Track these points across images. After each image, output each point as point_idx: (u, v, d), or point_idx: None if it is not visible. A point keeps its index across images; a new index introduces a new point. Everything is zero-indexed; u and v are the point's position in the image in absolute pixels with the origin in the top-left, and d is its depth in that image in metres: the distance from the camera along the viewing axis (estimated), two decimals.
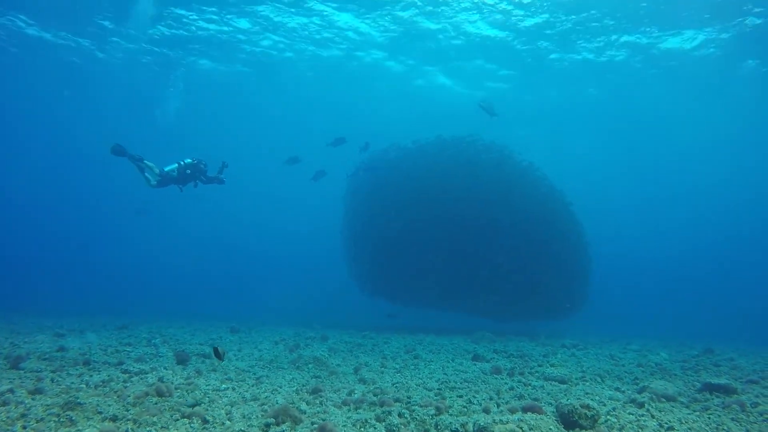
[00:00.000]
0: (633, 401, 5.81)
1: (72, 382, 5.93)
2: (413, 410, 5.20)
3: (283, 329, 14.28)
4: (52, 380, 6.04)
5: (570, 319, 16.14)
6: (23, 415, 4.57)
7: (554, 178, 15.17)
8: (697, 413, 5.41)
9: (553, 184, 15.06)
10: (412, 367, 8.17)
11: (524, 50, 21.98)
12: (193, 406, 5.12)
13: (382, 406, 5.42)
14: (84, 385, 5.80)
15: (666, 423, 4.93)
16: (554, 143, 33.65)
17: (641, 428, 4.77)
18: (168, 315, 18.46)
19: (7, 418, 4.52)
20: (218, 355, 5.52)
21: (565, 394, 6.25)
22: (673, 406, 5.71)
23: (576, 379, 7.33)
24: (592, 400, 5.87)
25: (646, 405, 5.63)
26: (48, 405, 4.88)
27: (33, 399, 5.14)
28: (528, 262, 14.38)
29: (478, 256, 14.39)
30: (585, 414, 4.79)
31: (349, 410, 5.32)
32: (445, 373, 7.63)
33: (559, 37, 20.64)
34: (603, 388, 6.76)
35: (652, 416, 5.19)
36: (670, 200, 43.50)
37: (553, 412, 5.23)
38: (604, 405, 5.65)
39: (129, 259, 40.11)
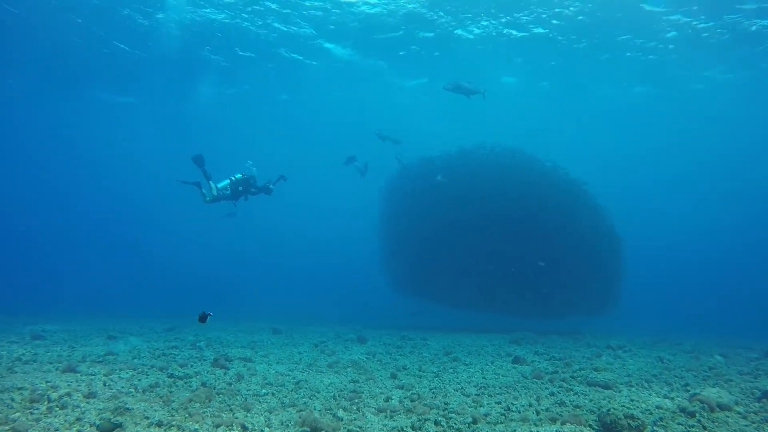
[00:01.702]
0: (683, 410, 5.54)
1: (122, 387, 6.21)
2: (450, 418, 5.16)
3: (323, 329, 14.47)
4: (104, 384, 6.35)
5: (616, 316, 15.79)
6: (78, 419, 4.82)
7: (591, 178, 15.37)
8: (755, 425, 5.11)
9: (581, 181, 15.24)
10: (451, 370, 8.11)
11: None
12: (233, 412, 5.26)
13: (418, 413, 5.40)
14: (133, 390, 6.06)
15: None
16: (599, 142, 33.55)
17: None
18: (213, 316, 19.04)
19: (65, 421, 4.78)
20: (202, 320, 5.59)
21: (609, 401, 6.03)
22: (728, 417, 5.41)
23: (621, 384, 7.07)
24: (637, 408, 5.64)
25: (697, 415, 5.35)
26: (100, 409, 5.14)
27: (87, 403, 5.42)
28: (563, 258, 14.41)
29: (514, 254, 14.43)
30: (629, 425, 4.62)
31: (385, 417, 5.33)
32: (484, 377, 7.53)
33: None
34: (650, 395, 6.49)
35: (704, 427, 4.94)
36: (721, 195, 41.52)
37: (596, 420, 5.06)
38: (651, 414, 5.42)
39: (176, 262, 41.70)
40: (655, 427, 4.88)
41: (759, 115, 26.85)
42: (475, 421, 5.09)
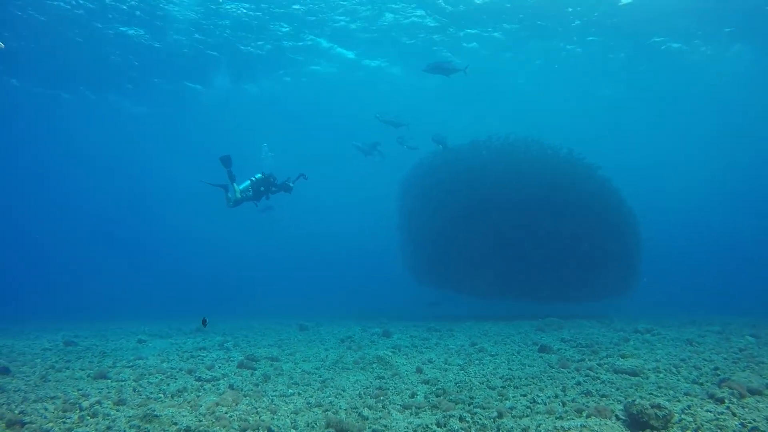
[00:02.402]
0: (712, 396, 5.43)
1: (151, 392, 6.35)
2: (475, 413, 5.15)
3: (349, 324, 14.59)
4: (134, 390, 6.50)
5: (644, 297, 15.67)
6: (108, 428, 4.95)
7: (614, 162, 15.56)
8: None
9: (596, 166, 15.33)
10: (477, 362, 8.09)
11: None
12: (259, 415, 5.35)
13: (443, 409, 5.41)
14: (162, 395, 6.20)
15: (750, 422, 4.58)
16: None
17: (720, 429, 4.45)
18: (239, 314, 19.38)
19: (96, 430, 4.91)
20: (203, 324, 6.43)
21: (637, 389, 5.95)
22: (758, 401, 5.28)
23: (649, 370, 6.95)
24: (665, 396, 5.55)
25: (726, 401, 5.24)
26: (130, 417, 5.26)
27: (117, 410, 5.56)
28: (581, 242, 14.49)
29: (535, 240, 14.43)
30: (655, 414, 4.54)
31: (410, 414, 5.35)
32: (510, 368, 7.49)
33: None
34: (678, 380, 6.37)
35: (734, 414, 4.83)
36: (748, 171, 40.54)
37: (622, 410, 5.00)
38: (679, 401, 5.32)
39: (200, 262, 42.46)
40: (683, 416, 4.79)
41: None
42: (500, 416, 5.07)
